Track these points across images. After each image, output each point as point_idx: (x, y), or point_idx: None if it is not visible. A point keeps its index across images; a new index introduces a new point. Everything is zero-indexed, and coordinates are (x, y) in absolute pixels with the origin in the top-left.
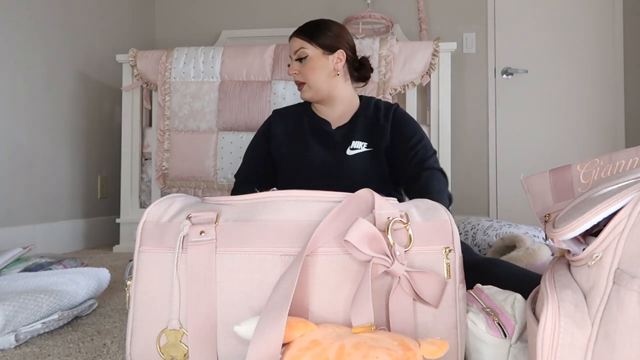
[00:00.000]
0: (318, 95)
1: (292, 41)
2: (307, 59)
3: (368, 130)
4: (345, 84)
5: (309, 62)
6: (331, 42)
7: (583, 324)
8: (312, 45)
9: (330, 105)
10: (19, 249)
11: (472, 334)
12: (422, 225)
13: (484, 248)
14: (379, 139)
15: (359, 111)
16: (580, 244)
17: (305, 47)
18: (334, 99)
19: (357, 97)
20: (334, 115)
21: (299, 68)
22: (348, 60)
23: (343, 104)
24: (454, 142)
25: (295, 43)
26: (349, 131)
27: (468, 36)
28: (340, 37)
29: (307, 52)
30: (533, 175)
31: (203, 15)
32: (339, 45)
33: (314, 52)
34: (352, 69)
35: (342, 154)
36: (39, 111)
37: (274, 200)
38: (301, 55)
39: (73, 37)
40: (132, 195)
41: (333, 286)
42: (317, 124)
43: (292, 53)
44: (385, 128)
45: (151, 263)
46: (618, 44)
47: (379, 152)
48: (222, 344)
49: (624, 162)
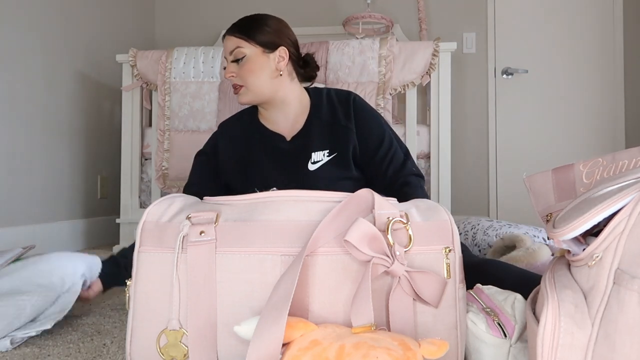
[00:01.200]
0: (258, 98)
1: (226, 40)
2: (244, 60)
3: (327, 135)
4: (291, 83)
5: (247, 62)
6: (271, 38)
7: (583, 324)
8: (249, 44)
9: (279, 110)
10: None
11: (472, 334)
12: (422, 225)
13: (484, 248)
14: (343, 142)
15: (311, 112)
16: (581, 244)
17: (242, 47)
18: (280, 102)
19: (306, 95)
20: (286, 123)
21: (236, 70)
22: (291, 58)
23: (293, 106)
24: (454, 142)
25: (230, 42)
26: (306, 141)
27: (468, 36)
28: (281, 33)
29: (245, 51)
30: (536, 174)
31: (203, 15)
32: (280, 42)
33: (252, 51)
34: (297, 67)
35: (304, 171)
36: (39, 111)
37: (273, 200)
38: (237, 55)
39: (73, 37)
40: (132, 195)
41: (333, 286)
42: (270, 142)
43: (227, 54)
44: (349, 129)
45: (151, 263)
46: (618, 44)
47: (344, 156)
48: (222, 344)
49: (627, 162)
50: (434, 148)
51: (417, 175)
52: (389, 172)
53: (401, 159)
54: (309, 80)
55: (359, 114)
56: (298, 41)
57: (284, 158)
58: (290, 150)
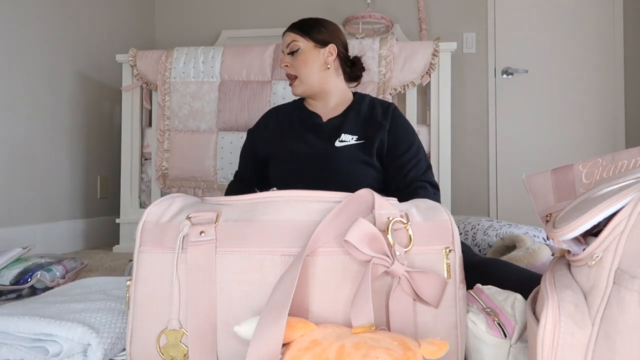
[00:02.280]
0: (310, 90)
1: (285, 36)
2: (298, 52)
3: (361, 124)
4: (337, 78)
5: (300, 54)
6: (324, 36)
7: (583, 324)
8: (304, 39)
9: (322, 99)
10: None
11: (472, 334)
12: (422, 225)
13: (484, 248)
14: (373, 134)
15: (351, 105)
16: (581, 244)
17: (297, 40)
18: (325, 93)
19: (350, 93)
20: (326, 109)
21: (290, 61)
22: (339, 56)
23: (335, 97)
24: (454, 142)
25: (288, 37)
26: (340, 123)
27: (468, 36)
28: (334, 34)
29: (299, 44)
30: (535, 174)
31: (203, 15)
32: (330, 40)
33: (305, 45)
34: (344, 65)
35: (330, 146)
36: (39, 111)
37: (274, 201)
38: (293, 48)
39: (73, 37)
40: (132, 195)
41: (333, 286)
42: (307, 117)
43: (284, 47)
44: (383, 125)
45: (151, 263)
46: (618, 44)
47: (370, 146)
48: (222, 344)
49: (627, 162)
50: (434, 148)
51: (434, 186)
52: (410, 175)
53: (424, 168)
54: (355, 80)
55: (396, 119)
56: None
57: (316, 132)
58: (323, 126)
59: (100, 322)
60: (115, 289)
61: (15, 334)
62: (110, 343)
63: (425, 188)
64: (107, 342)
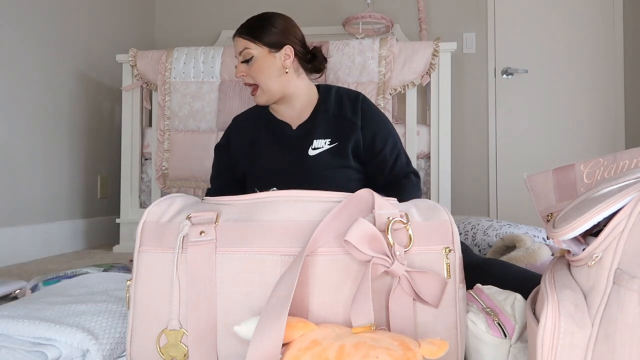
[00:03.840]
0: (273, 98)
1: (235, 41)
2: (253, 60)
3: (331, 126)
4: (298, 79)
5: (255, 63)
6: (276, 38)
7: (583, 324)
8: (256, 45)
9: (287, 103)
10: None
11: (472, 334)
12: (422, 225)
13: (484, 248)
14: (345, 134)
15: (318, 105)
16: (581, 244)
17: (250, 47)
18: (289, 97)
19: (314, 90)
20: (293, 113)
21: (246, 70)
22: (297, 55)
23: (300, 99)
24: (454, 142)
25: (239, 43)
26: (310, 129)
27: (468, 36)
28: (287, 32)
29: (252, 52)
30: (536, 174)
31: (203, 15)
32: (285, 41)
33: (258, 51)
34: (303, 63)
35: (304, 155)
36: (39, 111)
37: (273, 200)
38: (246, 56)
39: (73, 37)
40: (132, 195)
41: (333, 286)
42: (276, 129)
43: (237, 54)
44: (354, 123)
45: (151, 263)
46: (618, 44)
47: (344, 148)
48: (222, 344)
49: (628, 162)
50: (434, 148)
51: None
52: (395, 171)
53: (404, 160)
54: (318, 72)
55: (367, 112)
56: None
57: (288, 143)
58: (294, 136)
59: (100, 326)
60: (117, 289)
61: (15, 336)
62: (109, 349)
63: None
64: (106, 348)
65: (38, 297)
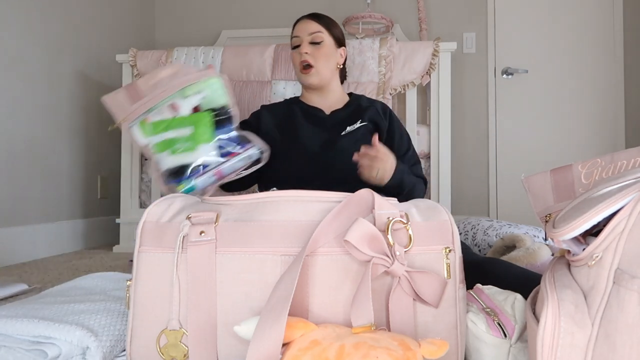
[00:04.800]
0: (321, 83)
1: (305, 23)
2: (322, 44)
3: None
4: (337, 79)
5: (324, 47)
6: (341, 36)
7: (583, 324)
8: (328, 33)
9: (325, 95)
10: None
11: (472, 334)
12: (422, 225)
13: (484, 248)
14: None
15: (351, 100)
16: (580, 244)
17: (322, 32)
18: (329, 90)
19: (345, 94)
20: (326, 104)
21: (312, 50)
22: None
23: (335, 95)
24: (454, 142)
25: (312, 25)
26: (343, 116)
27: (468, 36)
28: (344, 37)
29: (324, 37)
30: (534, 175)
31: (203, 15)
32: (344, 43)
33: (328, 39)
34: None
35: (337, 135)
36: (39, 111)
37: (273, 200)
38: (317, 39)
39: (73, 37)
40: (132, 195)
41: (333, 286)
42: (310, 111)
43: (304, 34)
44: (384, 120)
45: (151, 263)
46: (618, 44)
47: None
48: (222, 344)
49: (626, 163)
50: (434, 148)
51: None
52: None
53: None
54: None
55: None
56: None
57: (320, 122)
58: (327, 118)
59: (100, 324)
60: (115, 289)
61: (14, 336)
62: (109, 346)
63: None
64: (106, 345)
65: (36, 298)
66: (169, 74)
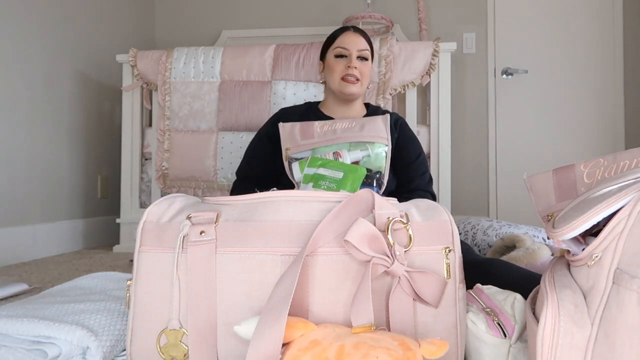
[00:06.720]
0: (359, 95)
1: (354, 36)
2: (367, 62)
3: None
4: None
5: (368, 65)
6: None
7: (583, 324)
8: (370, 52)
9: (351, 106)
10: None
11: (472, 334)
12: (422, 225)
13: (484, 248)
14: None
15: (368, 114)
16: (580, 244)
17: (369, 51)
18: (357, 103)
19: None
20: (347, 114)
21: (360, 66)
22: None
23: (358, 108)
24: (454, 142)
25: (361, 42)
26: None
27: (468, 36)
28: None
29: (369, 55)
30: (536, 174)
31: (203, 15)
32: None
33: (370, 58)
34: None
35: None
36: (39, 111)
37: (273, 200)
38: (365, 56)
39: (73, 37)
40: (132, 195)
41: (333, 286)
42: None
43: (354, 49)
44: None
45: (151, 263)
46: (618, 44)
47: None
48: (222, 344)
49: (628, 162)
50: (434, 148)
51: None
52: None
53: (428, 178)
54: None
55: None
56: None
57: None
58: None
59: (100, 324)
60: (115, 289)
61: (14, 335)
62: (109, 346)
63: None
64: (106, 344)
65: (36, 298)
66: (345, 127)
